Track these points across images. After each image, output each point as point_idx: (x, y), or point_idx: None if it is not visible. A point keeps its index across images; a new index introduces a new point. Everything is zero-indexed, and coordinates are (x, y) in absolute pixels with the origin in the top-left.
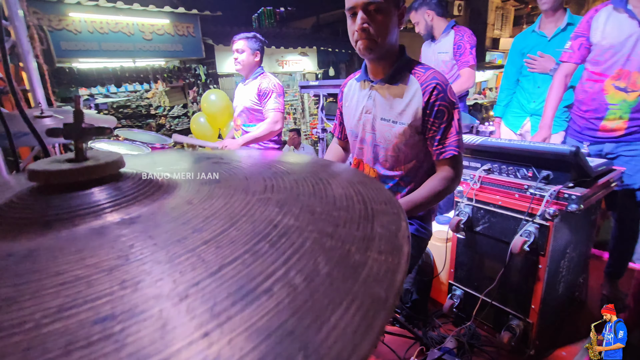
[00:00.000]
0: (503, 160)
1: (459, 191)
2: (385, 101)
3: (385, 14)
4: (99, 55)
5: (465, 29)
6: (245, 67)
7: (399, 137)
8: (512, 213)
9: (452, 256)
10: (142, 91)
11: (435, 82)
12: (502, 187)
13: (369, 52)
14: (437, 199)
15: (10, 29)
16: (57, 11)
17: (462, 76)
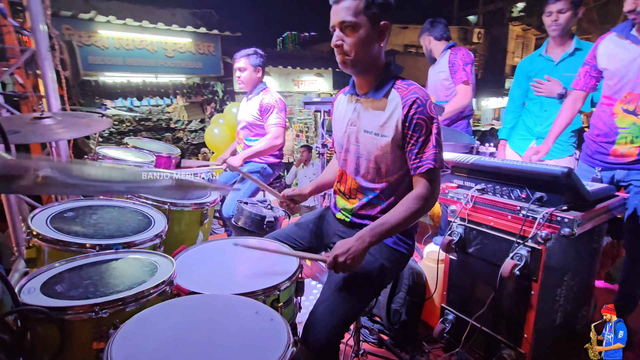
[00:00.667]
0: (497, 180)
1: (451, 210)
2: (368, 114)
3: (357, 31)
4: (123, 69)
5: (460, 48)
6: (248, 84)
7: (380, 150)
8: (504, 235)
9: (444, 278)
10: (164, 105)
11: (415, 97)
12: (495, 208)
13: (344, 66)
14: (413, 219)
15: (31, 40)
16: (88, 28)
17: (458, 93)
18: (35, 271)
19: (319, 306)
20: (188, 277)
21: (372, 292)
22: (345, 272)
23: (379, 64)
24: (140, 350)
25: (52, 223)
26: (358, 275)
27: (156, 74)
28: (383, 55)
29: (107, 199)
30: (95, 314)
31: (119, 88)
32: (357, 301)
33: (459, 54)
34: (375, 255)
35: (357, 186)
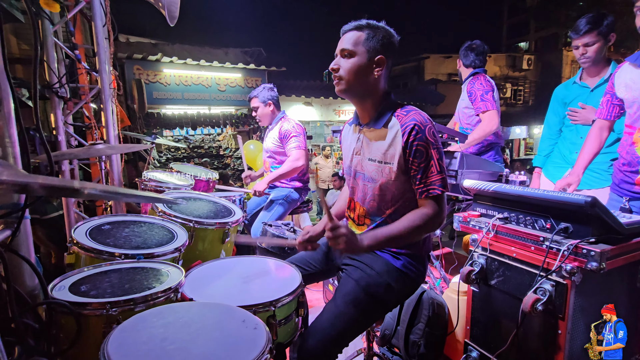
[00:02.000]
0: (521, 209)
1: (472, 239)
2: (371, 143)
3: (353, 58)
4: (181, 103)
5: (480, 77)
6: (265, 118)
7: (385, 177)
8: (527, 267)
9: (467, 311)
10: (215, 134)
11: (413, 123)
12: (518, 238)
13: (339, 92)
14: (415, 235)
15: (97, 79)
16: (155, 68)
17: (483, 120)
18: (69, 273)
19: (319, 317)
20: (194, 288)
21: (374, 311)
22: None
23: (376, 93)
24: (132, 340)
25: (90, 233)
26: (363, 292)
27: (209, 106)
28: (382, 86)
29: (139, 216)
30: (107, 311)
31: (177, 119)
32: (358, 317)
33: (477, 84)
34: (381, 273)
35: (365, 213)
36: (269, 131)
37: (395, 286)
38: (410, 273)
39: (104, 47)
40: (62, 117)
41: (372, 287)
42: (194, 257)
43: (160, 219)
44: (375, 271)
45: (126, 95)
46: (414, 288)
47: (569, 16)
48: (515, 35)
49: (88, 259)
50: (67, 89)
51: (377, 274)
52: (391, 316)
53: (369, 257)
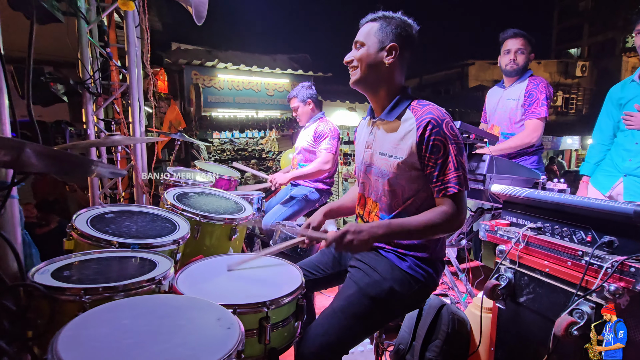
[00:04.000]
0: (557, 219)
1: (500, 250)
2: (383, 136)
3: (364, 48)
4: (232, 107)
5: (541, 79)
6: (303, 118)
7: (393, 172)
8: (561, 284)
9: (492, 331)
10: (258, 138)
11: (429, 117)
12: (552, 251)
13: (354, 83)
14: (431, 232)
15: (127, 76)
16: (210, 73)
17: (527, 128)
18: (56, 258)
19: (318, 320)
20: (188, 282)
21: (375, 317)
22: (346, 251)
23: (391, 85)
24: (88, 332)
25: (92, 221)
26: (363, 295)
27: (257, 110)
28: (397, 77)
29: (145, 207)
30: (80, 298)
31: (227, 122)
32: (356, 323)
33: (540, 86)
34: (384, 275)
35: (375, 209)
36: (304, 129)
37: (400, 290)
38: (419, 276)
39: (134, 45)
40: (93, 112)
41: (373, 290)
42: (200, 252)
43: (167, 211)
44: (378, 273)
45: (183, 99)
46: (425, 293)
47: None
48: (566, 40)
49: (86, 246)
50: (99, 85)
51: (379, 276)
52: (407, 330)
53: (374, 258)
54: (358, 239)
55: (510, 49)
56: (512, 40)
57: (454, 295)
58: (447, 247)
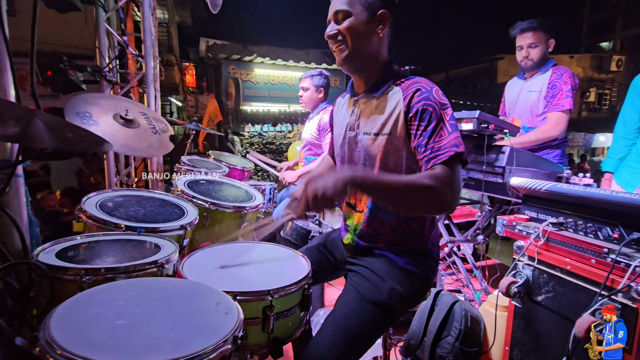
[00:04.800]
0: (581, 214)
1: (517, 246)
2: (367, 114)
3: (350, 18)
4: (267, 100)
5: (566, 69)
6: (309, 103)
7: (382, 150)
8: (584, 283)
9: (507, 330)
10: (286, 132)
11: (418, 85)
12: (575, 248)
13: (343, 61)
14: (416, 197)
15: (143, 64)
16: (247, 68)
17: (549, 121)
18: (62, 239)
19: (317, 334)
20: (193, 268)
21: (379, 321)
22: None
23: (379, 59)
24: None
25: (101, 204)
26: (364, 300)
27: (289, 104)
28: (385, 51)
29: (154, 192)
30: (80, 278)
31: (260, 115)
32: (361, 331)
33: (565, 76)
34: (384, 277)
35: (365, 197)
36: (309, 121)
37: (401, 289)
38: (419, 270)
39: (150, 34)
40: None
41: (374, 293)
42: (209, 240)
43: (177, 197)
44: (375, 274)
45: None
46: (425, 287)
47: None
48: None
49: (94, 228)
50: (116, 73)
51: (378, 277)
52: (418, 325)
53: (370, 258)
54: (323, 188)
55: (521, 45)
56: (521, 37)
57: (468, 293)
58: (462, 244)
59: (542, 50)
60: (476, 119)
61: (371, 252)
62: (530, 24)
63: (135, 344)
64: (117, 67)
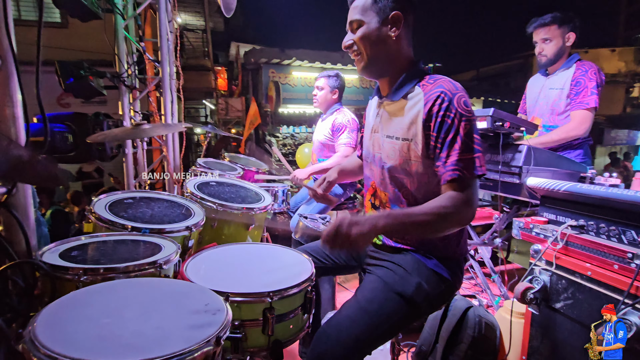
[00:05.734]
0: (604, 216)
1: (534, 250)
2: (390, 117)
3: (364, 29)
4: (304, 102)
5: (591, 64)
6: (323, 104)
7: (402, 156)
8: (606, 290)
9: (524, 337)
10: None
11: (439, 90)
12: (596, 252)
13: (362, 70)
14: (440, 223)
15: (159, 69)
16: (286, 71)
17: (573, 120)
18: (67, 239)
19: (336, 315)
20: (195, 269)
21: (403, 314)
22: (343, 248)
23: (399, 61)
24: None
25: (110, 206)
26: (389, 289)
27: None
28: (405, 50)
29: (163, 194)
30: (78, 277)
31: (296, 117)
32: (383, 319)
33: (590, 72)
34: (411, 271)
35: (386, 199)
36: (321, 122)
37: (427, 287)
38: (446, 274)
39: (166, 40)
40: (129, 104)
41: (400, 285)
42: (217, 241)
43: (186, 199)
44: (403, 268)
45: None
46: (450, 293)
47: None
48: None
49: (103, 229)
50: (135, 78)
51: (405, 271)
52: (430, 331)
53: (397, 255)
54: (357, 232)
55: (536, 40)
56: (535, 33)
57: (486, 298)
58: (480, 247)
59: (558, 45)
60: (490, 117)
61: (400, 250)
62: (542, 19)
63: (117, 342)
64: (135, 72)
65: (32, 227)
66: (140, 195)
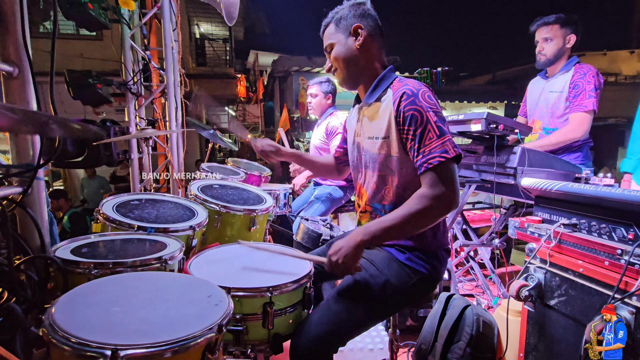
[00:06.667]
0: (595, 214)
1: (529, 249)
2: (369, 120)
3: (335, 48)
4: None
5: (589, 67)
6: (317, 110)
7: (382, 154)
8: (597, 286)
9: (521, 334)
10: None
11: (405, 88)
12: (587, 250)
13: (341, 84)
14: (418, 221)
15: (164, 77)
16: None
17: (571, 122)
18: (78, 237)
19: (312, 314)
20: (199, 266)
21: (371, 310)
22: (345, 273)
23: (371, 69)
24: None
25: (117, 207)
26: (358, 288)
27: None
28: (374, 58)
29: (167, 196)
30: (89, 271)
31: None
32: (351, 315)
33: (588, 75)
34: (381, 269)
35: (367, 199)
36: (317, 127)
37: (396, 283)
38: (419, 267)
39: (170, 48)
40: (135, 111)
41: (368, 283)
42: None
43: (190, 200)
44: (374, 266)
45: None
46: (428, 285)
47: None
48: None
49: (111, 229)
50: (140, 86)
51: (376, 270)
52: (429, 329)
53: (373, 251)
54: (342, 256)
55: (537, 40)
56: (538, 32)
57: (487, 299)
58: (479, 247)
59: (558, 45)
60: (484, 120)
61: (379, 247)
62: (546, 18)
63: (126, 328)
64: (141, 80)
65: (46, 225)
66: (146, 197)
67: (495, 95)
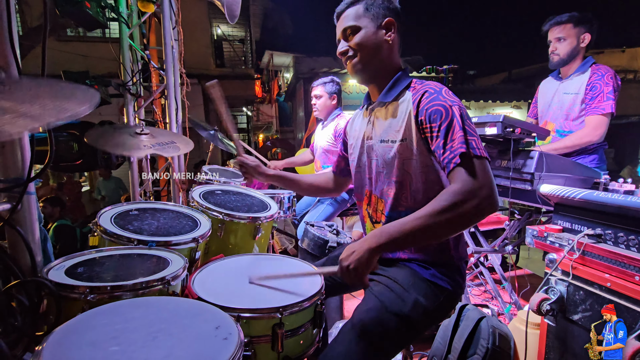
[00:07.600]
0: (623, 225)
1: (550, 259)
2: (383, 122)
3: (360, 32)
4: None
5: (607, 69)
6: (323, 111)
7: (399, 157)
8: (627, 302)
9: (540, 350)
10: None
11: (426, 87)
12: (615, 263)
13: (354, 73)
14: (444, 224)
15: (164, 77)
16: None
17: (587, 125)
18: (73, 254)
19: (332, 342)
20: (203, 282)
21: (401, 334)
22: (355, 281)
23: (391, 66)
24: (77, 337)
25: (115, 218)
26: (385, 309)
27: None
28: (396, 58)
29: (168, 204)
30: (85, 296)
31: None
32: (381, 342)
33: (606, 77)
34: (408, 288)
35: (382, 207)
36: (323, 128)
37: (425, 301)
38: (444, 284)
39: (170, 47)
40: (134, 112)
41: (397, 305)
42: (224, 251)
43: (191, 209)
44: (399, 284)
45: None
46: (452, 301)
47: None
48: None
49: (109, 243)
50: (140, 86)
51: (401, 287)
52: (441, 341)
53: (393, 268)
54: (354, 261)
55: (550, 40)
56: (551, 32)
57: (497, 306)
58: (490, 254)
59: (571, 45)
60: (500, 123)
61: (395, 263)
62: (559, 17)
63: None
64: (140, 80)
65: (38, 243)
66: (145, 207)
67: (519, 95)
